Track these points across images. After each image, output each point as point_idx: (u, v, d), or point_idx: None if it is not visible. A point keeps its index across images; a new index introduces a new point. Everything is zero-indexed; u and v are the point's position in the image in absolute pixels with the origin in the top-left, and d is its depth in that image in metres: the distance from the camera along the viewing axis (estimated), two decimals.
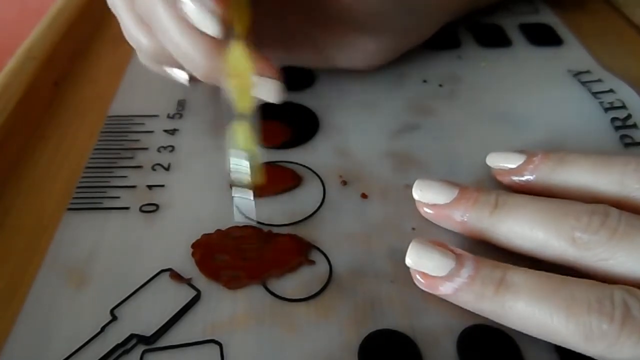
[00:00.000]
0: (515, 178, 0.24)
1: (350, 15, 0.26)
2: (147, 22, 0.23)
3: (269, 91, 0.22)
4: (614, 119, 0.29)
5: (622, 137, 0.28)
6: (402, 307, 0.20)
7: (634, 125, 0.28)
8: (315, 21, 0.27)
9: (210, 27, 0.21)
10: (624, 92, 0.30)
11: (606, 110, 0.29)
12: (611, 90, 0.30)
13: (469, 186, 0.23)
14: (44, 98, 0.31)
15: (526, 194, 0.22)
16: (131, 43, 0.25)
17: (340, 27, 0.27)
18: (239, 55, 0.21)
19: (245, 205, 0.23)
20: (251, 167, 0.22)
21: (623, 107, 0.29)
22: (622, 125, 0.28)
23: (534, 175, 0.23)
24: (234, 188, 0.22)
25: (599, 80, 0.31)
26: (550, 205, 0.20)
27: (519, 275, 0.19)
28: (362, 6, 0.26)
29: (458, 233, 0.23)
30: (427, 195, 0.23)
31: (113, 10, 0.25)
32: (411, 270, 0.21)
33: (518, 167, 0.24)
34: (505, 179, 0.24)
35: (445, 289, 0.20)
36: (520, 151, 0.24)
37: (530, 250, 0.20)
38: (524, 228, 0.20)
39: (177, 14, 0.21)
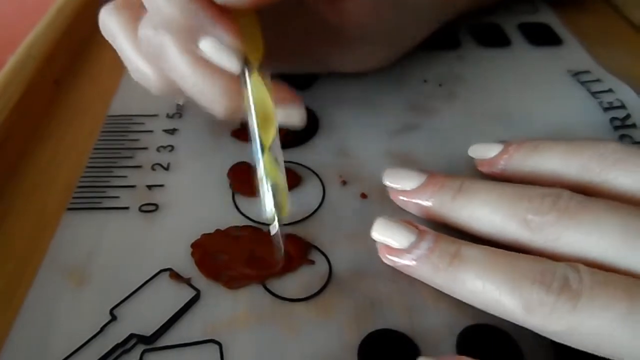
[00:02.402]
0: (493, 168, 0.24)
1: (349, 29, 0.26)
2: (155, 59, 0.22)
3: (292, 117, 0.22)
4: (613, 119, 0.29)
5: (622, 136, 0.28)
6: (402, 306, 0.21)
7: (633, 125, 0.28)
8: (313, 34, 0.27)
9: (229, 63, 0.20)
10: (623, 91, 0.30)
11: (605, 110, 0.29)
12: (610, 90, 0.30)
13: (439, 173, 0.23)
14: (44, 97, 0.31)
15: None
16: (134, 74, 0.24)
17: (339, 39, 0.27)
18: (257, 87, 0.21)
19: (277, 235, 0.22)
20: (277, 198, 0.21)
21: (622, 106, 0.29)
22: (621, 125, 0.28)
23: (509, 164, 0.24)
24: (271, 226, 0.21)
25: (598, 80, 0.31)
26: (508, 189, 0.21)
27: (472, 250, 0.19)
28: (360, 21, 0.26)
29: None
30: (396, 181, 0.23)
31: (109, 39, 0.24)
32: (377, 245, 0.21)
33: (495, 156, 0.24)
34: (484, 169, 0.25)
35: (405, 261, 0.20)
36: (501, 142, 0.24)
37: (488, 234, 0.21)
38: (483, 212, 0.21)
39: (191, 54, 0.21)
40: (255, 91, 0.21)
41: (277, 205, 0.21)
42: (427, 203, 0.22)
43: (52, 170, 0.27)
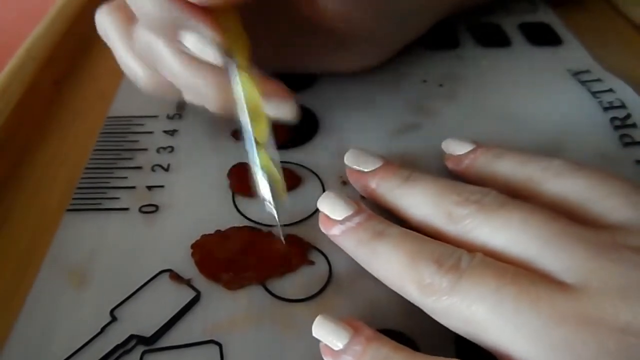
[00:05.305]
0: (457, 165, 0.25)
1: (334, 28, 0.26)
2: (146, 57, 0.23)
3: (282, 111, 0.23)
4: (613, 119, 0.29)
5: (622, 136, 0.28)
6: (402, 307, 0.20)
7: (633, 125, 0.28)
8: (299, 33, 0.27)
9: (212, 55, 0.21)
10: (623, 91, 0.30)
11: (605, 109, 0.29)
12: (610, 90, 0.30)
13: (394, 163, 0.24)
14: (44, 98, 0.31)
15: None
16: (126, 72, 0.25)
17: (325, 38, 0.27)
18: (244, 83, 0.22)
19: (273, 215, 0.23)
20: (272, 187, 0.22)
21: (622, 106, 0.29)
22: (621, 124, 0.28)
23: (472, 164, 0.24)
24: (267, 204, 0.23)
25: (598, 80, 0.31)
26: (448, 184, 0.21)
27: (394, 229, 0.20)
28: (344, 21, 0.26)
29: None
30: (355, 162, 0.24)
31: (105, 39, 0.25)
32: (319, 215, 0.22)
33: (463, 154, 0.24)
34: (449, 165, 0.25)
35: (335, 230, 0.21)
36: (474, 142, 0.25)
37: (417, 222, 0.21)
38: (417, 201, 0.21)
39: (178, 49, 0.22)
40: (243, 86, 0.22)
41: (275, 194, 0.22)
42: (374, 186, 0.23)
43: (53, 171, 0.27)
